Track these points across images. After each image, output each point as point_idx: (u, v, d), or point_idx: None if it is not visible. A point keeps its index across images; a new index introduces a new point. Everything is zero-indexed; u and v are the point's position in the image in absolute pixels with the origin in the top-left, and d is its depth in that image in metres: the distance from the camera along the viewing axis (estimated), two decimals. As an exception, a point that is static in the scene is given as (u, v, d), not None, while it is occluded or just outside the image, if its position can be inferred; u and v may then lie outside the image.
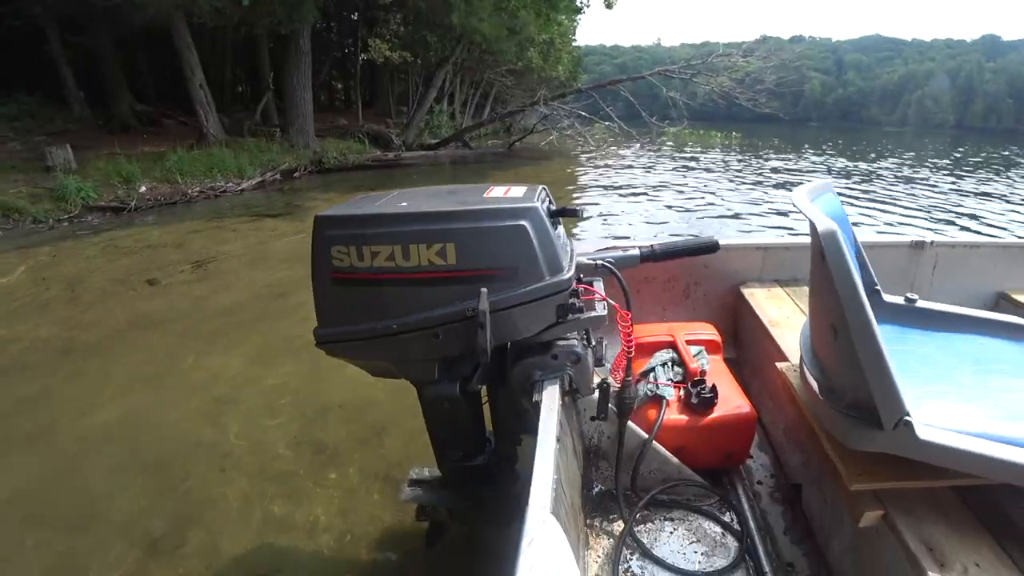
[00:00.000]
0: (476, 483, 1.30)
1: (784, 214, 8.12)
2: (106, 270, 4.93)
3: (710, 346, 1.79)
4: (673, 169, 13.26)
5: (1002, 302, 2.22)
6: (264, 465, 2.26)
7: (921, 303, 1.50)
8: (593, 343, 1.16)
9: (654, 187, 10.51)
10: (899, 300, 1.51)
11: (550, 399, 0.97)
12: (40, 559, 1.83)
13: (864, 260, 1.44)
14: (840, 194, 1.58)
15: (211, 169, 9.25)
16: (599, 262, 1.23)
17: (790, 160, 17.04)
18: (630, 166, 13.85)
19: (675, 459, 1.45)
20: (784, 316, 1.93)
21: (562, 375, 1.05)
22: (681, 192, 9.79)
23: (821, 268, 1.05)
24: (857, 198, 9.84)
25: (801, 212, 1.12)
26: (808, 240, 1.64)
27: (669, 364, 1.68)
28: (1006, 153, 23.61)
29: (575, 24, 24.00)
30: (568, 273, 1.00)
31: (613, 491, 1.43)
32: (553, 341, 1.06)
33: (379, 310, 0.98)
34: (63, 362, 3.15)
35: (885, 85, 78.63)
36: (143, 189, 8.16)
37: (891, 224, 7.53)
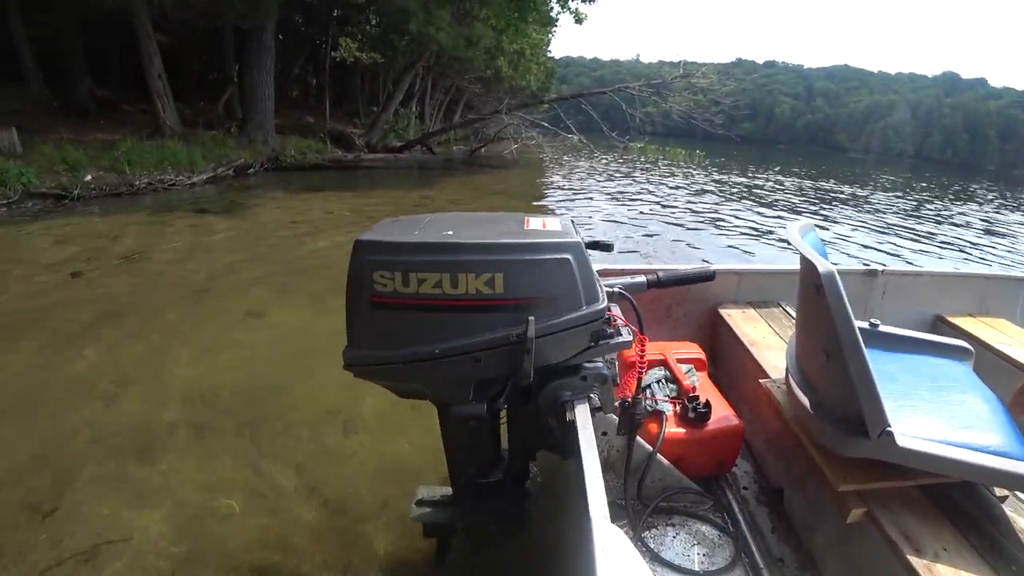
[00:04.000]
0: (489, 499, 1.34)
1: (737, 232, 8.51)
2: (33, 259, 4.96)
3: (697, 364, 1.96)
4: (629, 186, 13.62)
5: (939, 324, 2.54)
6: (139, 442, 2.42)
7: (882, 327, 1.69)
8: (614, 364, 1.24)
9: (612, 200, 10.84)
10: (864, 325, 1.66)
11: (583, 417, 1.05)
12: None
13: None
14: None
15: (162, 161, 9.21)
16: (616, 289, 1.32)
17: (752, 180, 17.63)
18: (588, 181, 14.15)
19: (675, 470, 1.62)
20: (760, 336, 2.16)
21: (588, 395, 1.12)
22: (636, 207, 10.13)
23: (815, 300, 1.23)
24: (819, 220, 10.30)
25: (797, 249, 1.30)
26: (780, 267, 2.09)
27: (663, 381, 1.83)
28: (959, 186, 24.80)
29: (549, 36, 24.38)
30: (602, 303, 1.07)
31: (620, 501, 1.56)
32: (581, 364, 1.12)
33: (422, 335, 1.01)
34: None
35: (851, 113, 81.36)
36: (88, 178, 8.10)
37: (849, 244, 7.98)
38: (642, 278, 1.47)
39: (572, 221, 1.19)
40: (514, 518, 1.36)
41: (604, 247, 1.25)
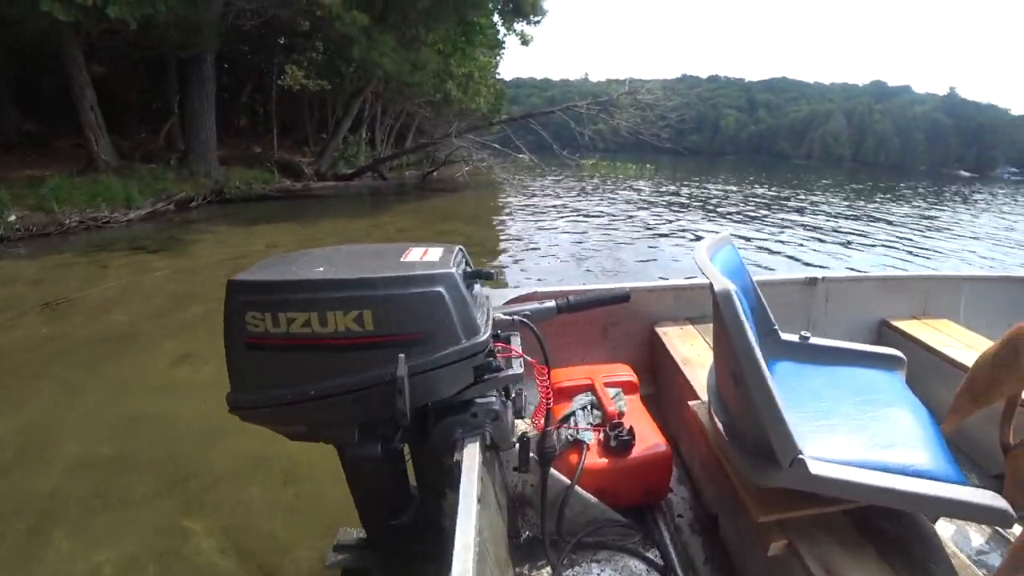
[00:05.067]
0: (403, 541, 1.31)
1: (683, 245, 8.67)
2: (-59, 310, 4.60)
3: (627, 387, 1.88)
4: (578, 203, 13.81)
5: (883, 328, 2.50)
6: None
7: (813, 340, 1.64)
8: (513, 395, 1.20)
9: (555, 220, 10.90)
10: (794, 338, 1.64)
11: (470, 458, 1.00)
12: None
13: (762, 303, 1.59)
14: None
15: (95, 197, 8.77)
16: (516, 318, 1.28)
17: (702, 192, 18.13)
18: (538, 199, 14.28)
19: (597, 501, 1.52)
20: (695, 353, 2.09)
21: (482, 432, 1.08)
22: (580, 226, 10.22)
23: (721, 321, 1.17)
24: (759, 227, 10.63)
25: (699, 267, 1.26)
26: None
27: (588, 408, 1.75)
28: (895, 188, 26.11)
29: (497, 59, 24.69)
30: (484, 335, 1.02)
31: (540, 537, 1.48)
32: (472, 400, 1.08)
33: (296, 376, 0.98)
34: None
35: (792, 123, 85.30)
36: (12, 218, 7.64)
37: (793, 251, 8.20)
38: (551, 303, 1.43)
39: (461, 250, 1.16)
40: (433, 559, 1.27)
41: (484, 276, 1.17)
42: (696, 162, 41.78)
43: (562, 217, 11.16)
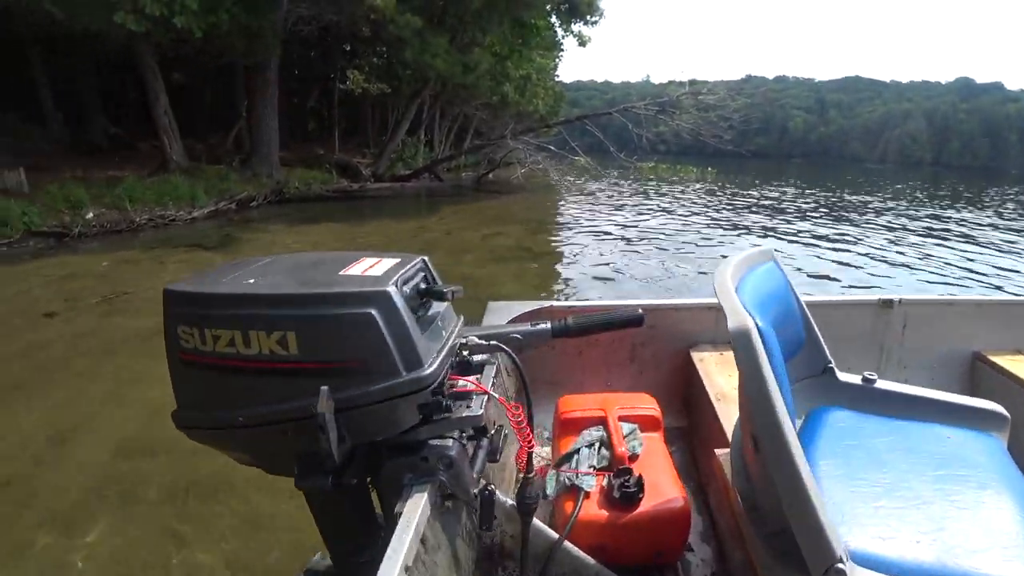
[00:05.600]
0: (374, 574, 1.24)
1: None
2: (14, 299, 4.87)
3: (646, 423, 1.61)
4: (635, 207, 13.40)
5: (977, 364, 2.07)
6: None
7: (881, 383, 1.33)
8: (491, 432, 1.04)
9: (615, 224, 10.61)
10: (856, 379, 1.34)
11: (411, 511, 0.87)
12: None
13: (813, 334, 1.33)
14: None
15: (163, 196, 9.23)
16: (493, 342, 1.09)
17: (765, 198, 17.32)
18: (595, 203, 14.00)
19: (591, 560, 1.27)
20: (733, 387, 1.73)
21: (435, 480, 0.94)
22: (636, 232, 9.86)
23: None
24: (828, 244, 10.00)
25: (716, 296, 0.99)
26: None
27: (596, 446, 1.51)
28: (986, 194, 24.12)
29: (555, 61, 24.56)
30: (428, 369, 0.87)
31: None
32: (424, 441, 0.94)
33: (226, 399, 0.89)
34: None
35: (866, 123, 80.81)
36: (90, 215, 8.13)
37: (861, 264, 7.61)
38: (546, 325, 1.22)
39: (423, 260, 1.00)
40: None
41: (436, 295, 0.98)
42: (761, 165, 40.15)
43: (615, 222, 10.83)
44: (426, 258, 1.01)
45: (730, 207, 14.24)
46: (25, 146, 11.16)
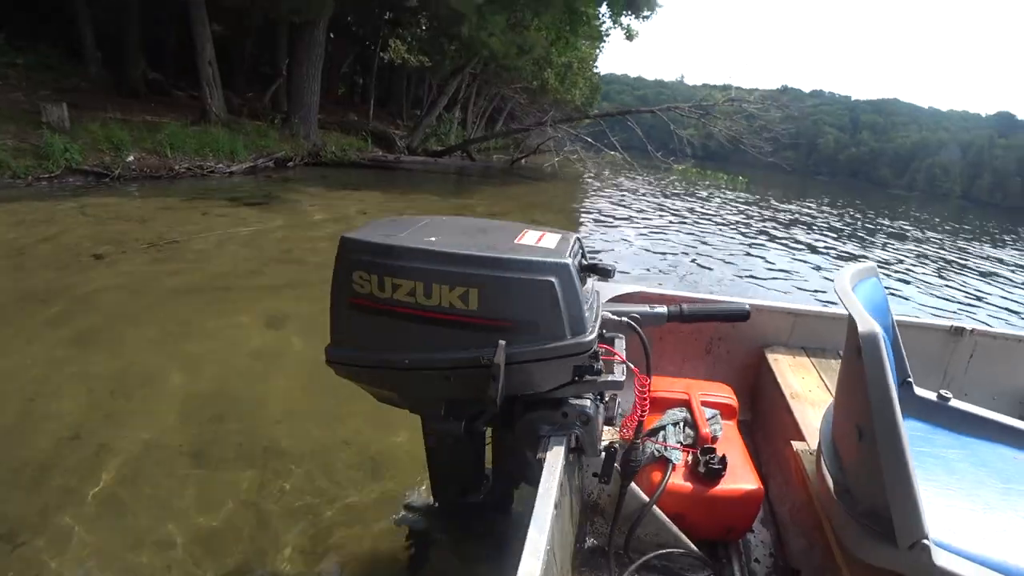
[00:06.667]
0: (470, 519, 1.32)
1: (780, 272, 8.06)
2: (62, 237, 4.79)
3: (725, 411, 1.74)
4: (673, 207, 13.18)
5: None
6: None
7: (955, 402, 1.42)
8: (607, 399, 1.13)
9: (650, 224, 10.43)
10: (931, 396, 1.43)
11: (554, 459, 0.96)
12: None
13: (900, 350, 1.41)
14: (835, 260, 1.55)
15: (203, 147, 9.14)
16: (625, 319, 1.19)
17: (797, 212, 17.05)
18: (631, 199, 13.79)
19: (673, 526, 1.41)
20: (807, 389, 1.85)
21: (570, 434, 1.03)
22: (675, 232, 9.68)
23: (855, 365, 1.01)
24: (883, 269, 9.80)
25: (841, 299, 1.09)
26: (843, 312, 1.56)
27: (681, 424, 1.63)
28: (1001, 229, 23.71)
29: (597, 51, 24.19)
30: (590, 335, 0.96)
31: (605, 548, 1.41)
32: (566, 399, 1.03)
33: (394, 342, 0.96)
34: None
35: (898, 149, 79.33)
36: (130, 158, 8.05)
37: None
38: (663, 308, 1.32)
39: (578, 239, 1.09)
40: (493, 542, 1.31)
41: (602, 271, 1.07)
42: (788, 179, 39.54)
43: (652, 222, 10.64)
44: (580, 236, 1.09)
45: (770, 216, 14.02)
46: (64, 83, 11.10)
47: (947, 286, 8.58)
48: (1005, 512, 1.09)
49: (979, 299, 8.01)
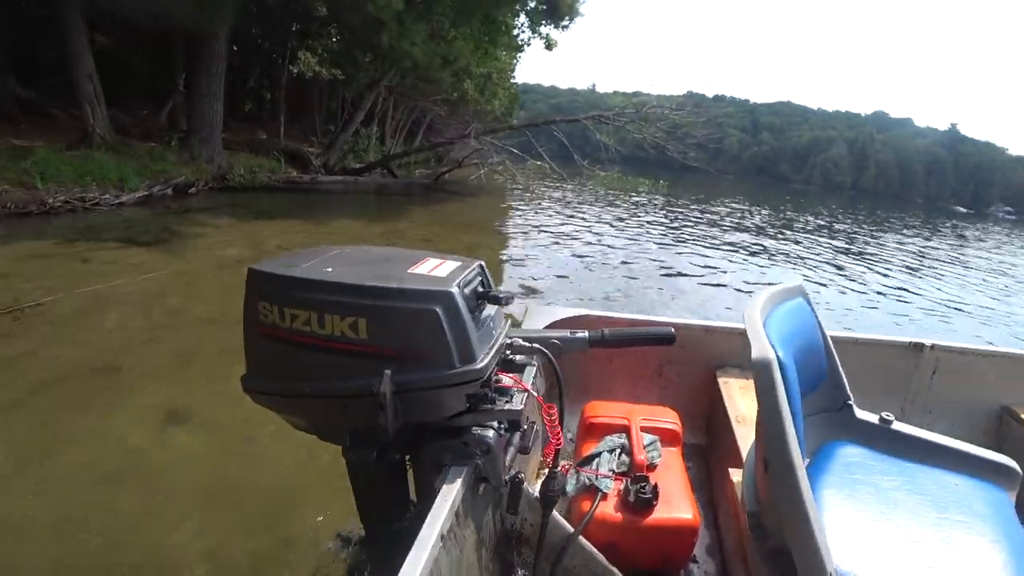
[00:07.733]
0: (399, 545, 1.15)
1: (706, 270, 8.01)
2: None
3: (667, 436, 1.71)
4: (604, 217, 13.10)
5: (1005, 418, 2.08)
6: None
7: (897, 425, 1.38)
8: (523, 427, 1.10)
9: (578, 233, 10.22)
10: (873, 419, 1.39)
11: (449, 489, 0.94)
12: None
13: (836, 369, 1.39)
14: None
15: (84, 175, 7.91)
16: (536, 345, 1.17)
17: (718, 212, 17.58)
18: (557, 209, 13.63)
19: (602, 557, 1.34)
20: (754, 413, 1.67)
21: (472, 463, 1.02)
22: (608, 247, 9.44)
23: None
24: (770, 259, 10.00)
25: (745, 324, 1.06)
26: None
27: (617, 452, 1.62)
28: (885, 216, 25.82)
29: (515, 61, 24.14)
30: (480, 363, 0.96)
31: None
32: (467, 427, 1.02)
33: (297, 371, 0.97)
34: None
35: (795, 147, 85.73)
36: (-11, 194, 6.84)
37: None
38: (583, 334, 1.30)
39: (480, 266, 1.08)
40: None
41: (492, 299, 1.04)
42: (701, 179, 41.39)
43: (576, 232, 10.34)
44: (483, 263, 1.09)
45: (687, 220, 14.30)
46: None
47: (866, 273, 8.91)
48: (934, 544, 1.06)
49: (886, 276, 8.35)
